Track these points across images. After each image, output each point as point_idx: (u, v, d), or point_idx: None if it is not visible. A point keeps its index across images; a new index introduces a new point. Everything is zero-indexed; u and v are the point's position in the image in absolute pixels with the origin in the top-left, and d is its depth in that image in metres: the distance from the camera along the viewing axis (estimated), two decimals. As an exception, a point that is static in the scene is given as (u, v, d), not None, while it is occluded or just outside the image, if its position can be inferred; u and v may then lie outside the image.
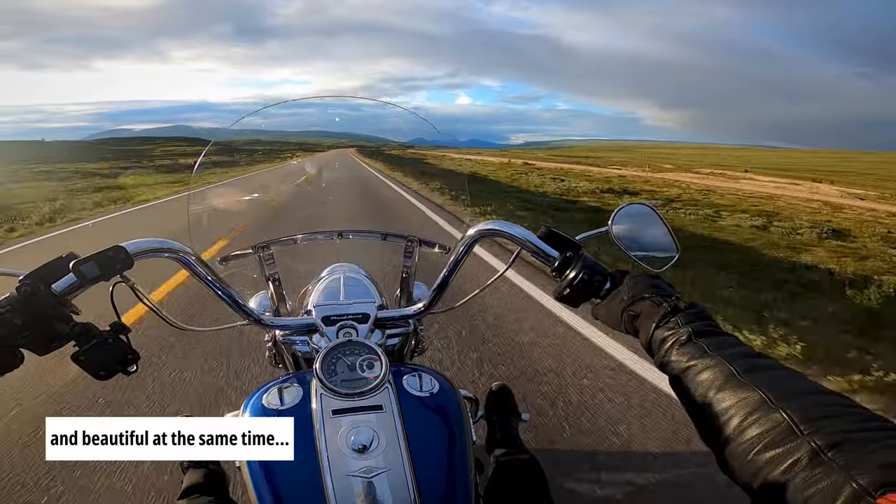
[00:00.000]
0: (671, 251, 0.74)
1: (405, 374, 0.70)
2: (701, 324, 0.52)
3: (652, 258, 0.73)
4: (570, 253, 0.68)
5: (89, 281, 0.58)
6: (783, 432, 0.37)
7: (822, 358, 2.58)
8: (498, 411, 1.25)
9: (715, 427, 0.42)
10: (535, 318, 3.05)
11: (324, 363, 0.67)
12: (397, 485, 0.56)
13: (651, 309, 0.56)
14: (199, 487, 1.08)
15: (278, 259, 1.05)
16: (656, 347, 0.53)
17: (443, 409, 0.68)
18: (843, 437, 0.34)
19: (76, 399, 2.15)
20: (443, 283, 0.82)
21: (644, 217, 0.75)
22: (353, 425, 0.60)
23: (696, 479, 1.64)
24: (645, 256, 0.73)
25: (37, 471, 1.67)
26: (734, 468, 0.40)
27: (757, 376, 0.43)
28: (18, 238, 7.03)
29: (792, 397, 0.39)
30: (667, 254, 0.74)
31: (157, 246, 0.66)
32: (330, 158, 3.71)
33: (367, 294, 0.95)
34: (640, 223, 0.75)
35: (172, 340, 2.68)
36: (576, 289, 0.65)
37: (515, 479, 1.03)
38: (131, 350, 0.61)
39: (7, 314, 0.53)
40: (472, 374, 2.33)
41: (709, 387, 0.45)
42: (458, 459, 0.63)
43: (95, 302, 0.67)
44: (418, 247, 1.07)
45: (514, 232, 0.73)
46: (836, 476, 0.32)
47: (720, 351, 0.47)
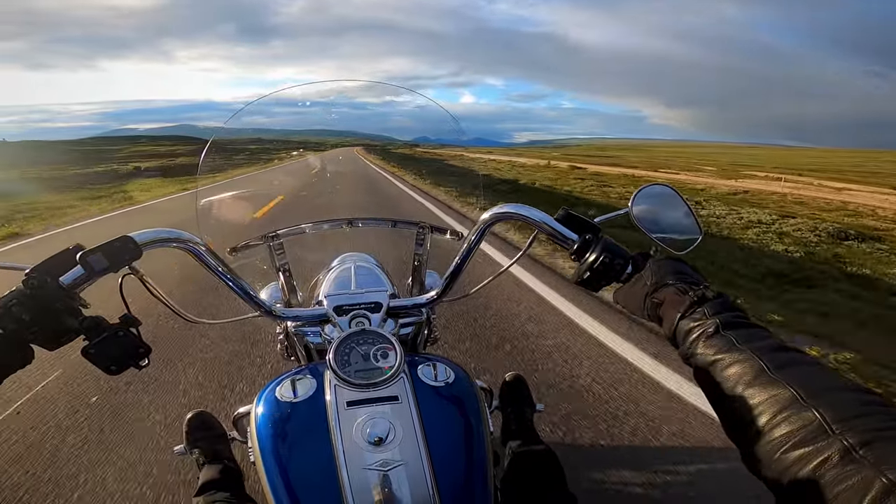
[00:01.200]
0: (694, 233, 0.72)
1: (420, 364, 0.68)
2: (729, 315, 0.49)
3: (674, 240, 0.70)
4: (589, 235, 0.66)
5: (97, 273, 0.57)
6: (814, 431, 0.35)
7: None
8: (512, 402, 1.23)
9: (743, 423, 0.41)
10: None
11: (337, 353, 0.65)
12: (415, 478, 0.55)
13: (676, 297, 0.54)
14: (215, 483, 1.08)
15: (288, 249, 1.05)
16: (681, 339, 0.51)
17: (459, 399, 0.67)
18: (875, 434, 0.33)
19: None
20: (456, 270, 0.81)
21: (665, 198, 0.73)
22: (368, 417, 0.59)
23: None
24: (666, 238, 0.70)
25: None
26: (761, 465, 0.38)
27: (788, 372, 0.41)
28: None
29: (824, 394, 0.38)
30: (688, 236, 0.71)
31: (165, 236, 0.64)
32: (331, 159, 3.62)
33: (379, 283, 0.94)
34: (661, 204, 0.72)
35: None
36: (596, 272, 0.63)
37: (532, 470, 1.02)
38: (142, 343, 0.59)
39: (15, 309, 0.52)
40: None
41: (737, 382, 0.43)
42: (476, 451, 0.61)
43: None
44: (430, 234, 1.05)
45: (530, 214, 0.71)
46: (866, 472, 0.31)
47: (749, 344, 0.45)
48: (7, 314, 0.51)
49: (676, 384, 2.09)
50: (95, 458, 1.71)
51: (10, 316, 0.51)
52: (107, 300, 0.66)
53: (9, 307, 0.51)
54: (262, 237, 1.02)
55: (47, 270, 0.55)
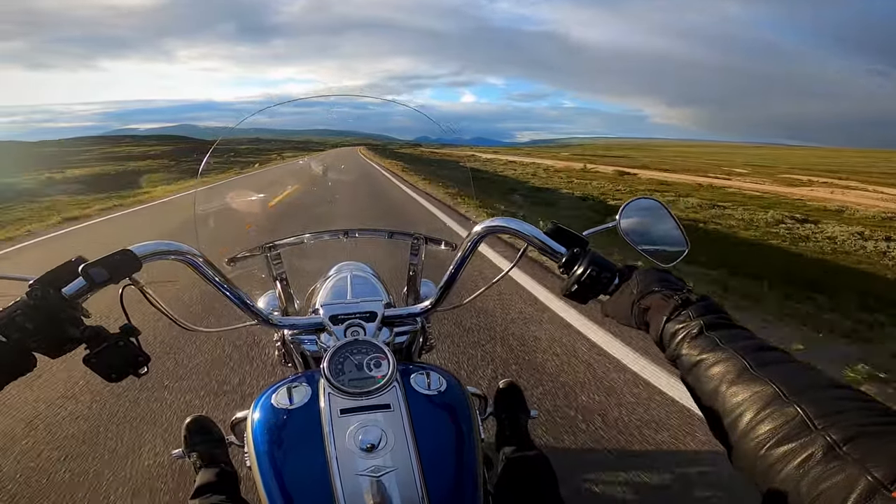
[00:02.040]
0: (681, 245, 0.72)
1: (413, 373, 0.70)
2: (713, 316, 0.50)
3: (661, 252, 0.71)
4: (577, 249, 0.67)
5: (98, 284, 0.58)
6: (797, 427, 0.36)
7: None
8: (507, 408, 1.25)
9: (727, 422, 0.41)
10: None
11: (331, 362, 0.67)
12: (406, 483, 0.56)
13: (661, 302, 0.55)
14: (211, 487, 1.10)
15: (285, 259, 1.06)
16: (667, 341, 0.52)
17: (451, 407, 0.68)
18: (858, 430, 0.33)
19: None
20: (450, 280, 0.82)
21: (653, 211, 0.74)
22: (361, 424, 0.61)
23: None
24: (654, 251, 0.71)
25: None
26: (746, 464, 0.39)
27: (770, 370, 0.42)
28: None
29: (806, 391, 0.38)
30: (676, 248, 0.72)
31: (164, 248, 0.66)
32: (332, 161, 3.38)
33: (375, 292, 0.95)
34: (648, 217, 0.73)
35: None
36: (583, 285, 0.64)
37: (524, 475, 1.03)
38: (142, 352, 0.61)
39: (19, 318, 0.53)
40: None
41: (720, 380, 0.44)
42: (466, 457, 0.63)
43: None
44: (424, 244, 1.07)
45: (520, 228, 0.72)
46: (851, 469, 0.31)
47: (732, 343, 0.46)
48: (11, 323, 0.53)
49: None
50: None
51: (15, 325, 0.53)
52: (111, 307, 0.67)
53: (13, 317, 0.53)
54: (260, 248, 1.04)
55: (50, 282, 0.57)
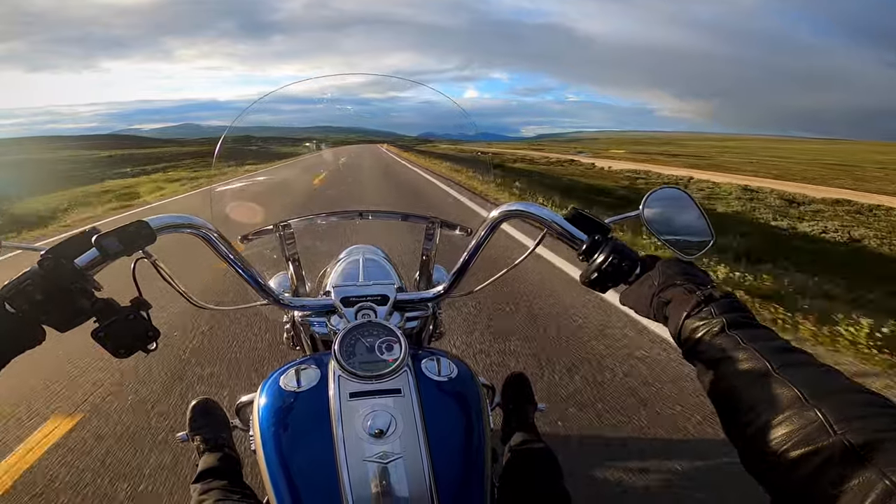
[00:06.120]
0: (705, 236, 0.70)
1: (424, 358, 0.69)
2: (736, 315, 0.49)
3: (685, 243, 0.69)
4: (598, 236, 0.65)
5: (111, 256, 0.57)
6: (816, 430, 0.35)
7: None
8: (514, 399, 1.24)
9: (743, 422, 0.40)
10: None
11: (342, 344, 0.65)
12: (413, 471, 0.55)
13: (683, 297, 0.53)
14: (213, 471, 1.11)
15: (299, 239, 1.05)
16: (686, 337, 0.50)
17: (461, 394, 0.67)
18: (877, 436, 0.32)
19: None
20: (463, 266, 0.80)
21: (677, 201, 0.72)
22: (370, 409, 0.59)
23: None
24: (677, 241, 0.69)
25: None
26: (760, 465, 0.38)
27: (793, 372, 0.40)
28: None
29: (827, 395, 0.37)
30: (700, 239, 0.70)
31: (179, 221, 0.65)
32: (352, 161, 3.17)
33: (387, 276, 0.94)
34: (672, 207, 0.71)
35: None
36: (604, 273, 0.62)
37: (530, 467, 1.02)
38: (152, 327, 0.60)
39: (29, 289, 0.52)
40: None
41: (741, 381, 0.43)
42: (475, 447, 0.62)
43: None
44: (439, 229, 1.05)
45: (539, 213, 0.70)
46: (868, 473, 0.31)
47: (755, 343, 0.45)
48: (21, 294, 0.52)
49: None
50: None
51: (24, 296, 0.52)
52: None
53: (22, 287, 0.52)
54: (274, 225, 1.03)
55: (62, 252, 0.55)
